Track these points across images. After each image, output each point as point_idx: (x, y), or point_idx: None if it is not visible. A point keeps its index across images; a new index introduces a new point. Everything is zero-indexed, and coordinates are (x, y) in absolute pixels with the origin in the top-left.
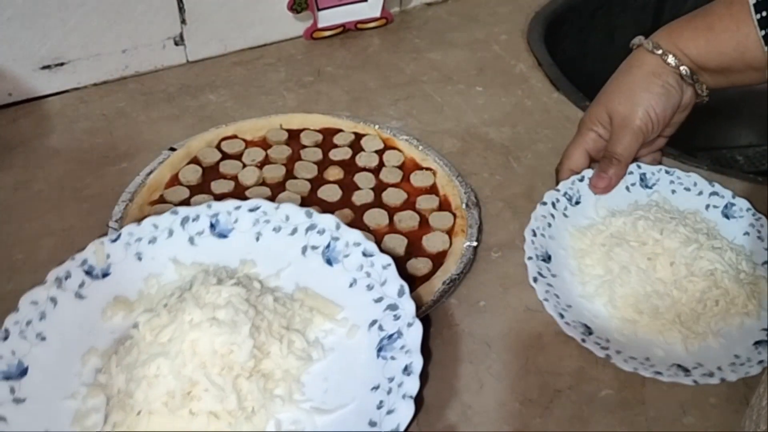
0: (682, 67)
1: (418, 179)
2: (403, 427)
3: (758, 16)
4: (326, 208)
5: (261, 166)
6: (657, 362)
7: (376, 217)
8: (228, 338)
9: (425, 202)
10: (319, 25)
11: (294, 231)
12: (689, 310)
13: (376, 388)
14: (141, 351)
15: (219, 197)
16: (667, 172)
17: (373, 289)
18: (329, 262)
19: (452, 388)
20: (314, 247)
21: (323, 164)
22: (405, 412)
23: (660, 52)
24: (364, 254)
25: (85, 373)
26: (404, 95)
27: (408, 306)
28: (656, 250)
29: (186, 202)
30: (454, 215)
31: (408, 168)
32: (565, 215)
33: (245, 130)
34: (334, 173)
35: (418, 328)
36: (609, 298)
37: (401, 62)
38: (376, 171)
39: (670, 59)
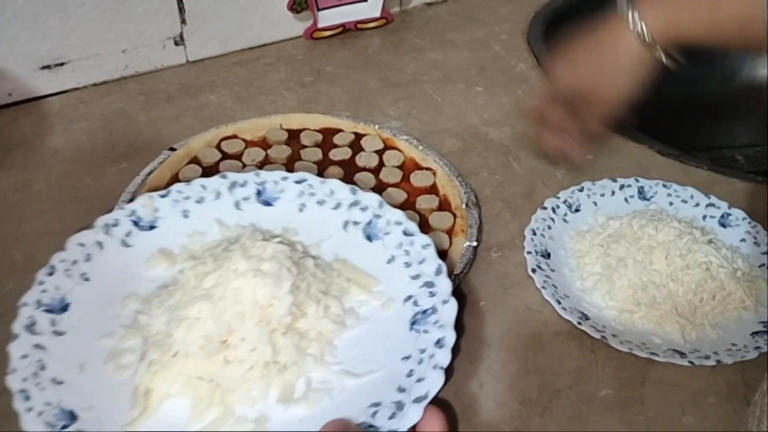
0: (666, 60)
1: (418, 179)
2: (432, 395)
3: None
4: None
5: (261, 166)
6: (653, 347)
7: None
8: (270, 291)
9: (425, 202)
10: (319, 25)
11: (337, 206)
12: (686, 301)
13: (407, 357)
14: (184, 294)
15: None
16: (664, 185)
17: (411, 266)
18: (369, 238)
19: (452, 387)
20: (356, 223)
21: (323, 164)
22: (435, 381)
23: (649, 40)
24: (405, 233)
25: (123, 316)
26: (404, 95)
27: (444, 284)
28: (651, 244)
29: None
30: (454, 215)
31: (408, 168)
32: (564, 221)
33: (245, 130)
34: (334, 173)
35: (453, 305)
36: (607, 290)
37: (401, 62)
38: (376, 171)
39: (658, 55)
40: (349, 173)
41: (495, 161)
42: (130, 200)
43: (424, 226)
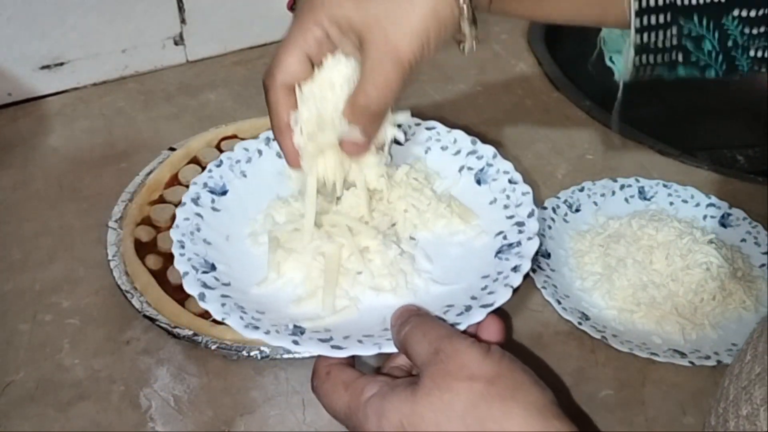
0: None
1: None
2: (497, 304)
3: None
4: None
5: None
6: (654, 347)
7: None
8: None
9: None
10: None
11: (458, 152)
12: (686, 302)
13: (485, 276)
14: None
15: None
16: (664, 185)
17: (509, 208)
18: (479, 182)
19: None
20: (470, 168)
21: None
22: (503, 294)
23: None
24: (510, 181)
25: (266, 208)
26: (404, 95)
27: (533, 225)
28: (651, 244)
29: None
30: None
31: None
32: (565, 221)
33: (245, 129)
34: None
35: (535, 242)
36: (607, 290)
37: None
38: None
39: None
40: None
41: None
42: (130, 200)
43: None
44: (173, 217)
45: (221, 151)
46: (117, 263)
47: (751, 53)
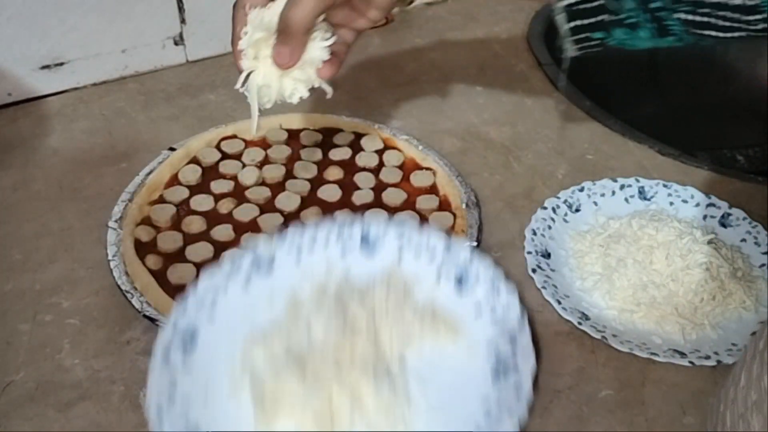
0: None
1: (418, 179)
2: None
3: None
4: (326, 208)
5: (261, 166)
6: (654, 347)
7: (376, 217)
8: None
9: (425, 202)
10: None
11: (432, 257)
12: (686, 302)
13: (486, 406)
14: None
15: (218, 197)
16: (664, 185)
17: (495, 312)
18: (460, 285)
19: None
20: (448, 275)
21: (323, 164)
22: (508, 425)
23: None
24: (492, 284)
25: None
26: (404, 95)
27: (525, 338)
28: (651, 244)
29: (186, 202)
30: (454, 215)
31: (408, 168)
32: (565, 221)
33: (245, 130)
34: (334, 173)
35: (531, 358)
36: (607, 290)
37: (401, 62)
38: (376, 171)
39: None
40: (349, 173)
41: (495, 161)
42: (130, 200)
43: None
44: (173, 217)
45: (221, 151)
46: (117, 263)
47: (679, 16)
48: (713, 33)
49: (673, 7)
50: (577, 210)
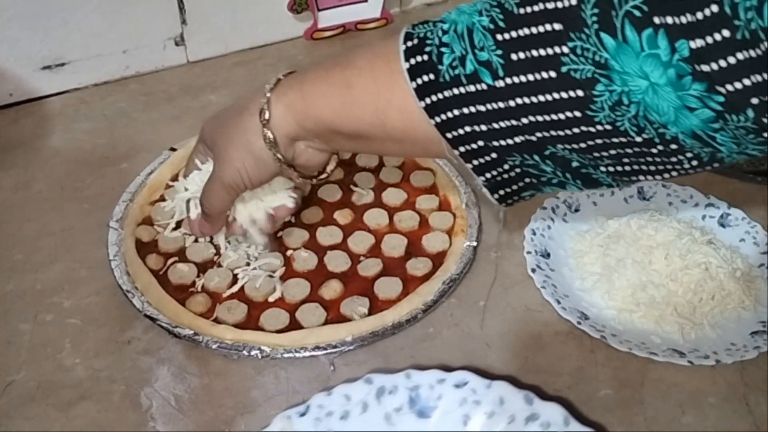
0: (277, 154)
1: (418, 179)
2: None
3: (414, 84)
4: (326, 208)
5: None
6: (653, 347)
7: (376, 217)
8: None
9: (425, 202)
10: (320, 26)
11: (511, 419)
12: (685, 301)
13: None
14: None
15: None
16: (663, 186)
17: None
18: None
19: None
20: None
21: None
22: None
23: (266, 116)
24: None
25: None
26: None
27: None
28: (651, 244)
29: (186, 203)
30: (454, 215)
31: (408, 168)
32: (564, 220)
33: None
34: (334, 173)
35: None
36: (606, 290)
37: None
38: (376, 171)
39: (269, 134)
40: (349, 173)
41: None
42: (131, 200)
43: (424, 226)
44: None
45: None
46: (118, 263)
47: (602, 170)
48: (645, 177)
49: (594, 164)
50: (577, 210)
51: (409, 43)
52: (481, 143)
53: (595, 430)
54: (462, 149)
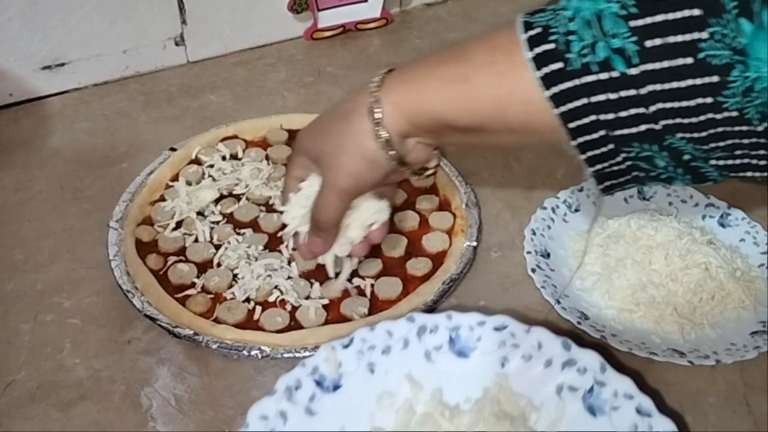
0: (391, 152)
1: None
2: None
3: (540, 73)
4: None
5: (261, 166)
6: (653, 347)
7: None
8: None
9: (425, 202)
10: (320, 26)
11: (548, 363)
12: (685, 301)
13: None
14: None
15: (219, 198)
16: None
17: None
18: (592, 410)
19: None
20: (572, 389)
21: None
22: None
23: (378, 116)
24: (639, 412)
25: None
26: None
27: None
28: (650, 244)
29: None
30: (454, 215)
31: None
32: (564, 221)
33: (245, 130)
34: None
35: None
36: (606, 289)
37: (401, 62)
38: None
39: (383, 133)
40: None
41: (495, 161)
42: (131, 200)
43: (424, 226)
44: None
45: (222, 151)
46: (118, 263)
47: (713, 162)
48: (752, 173)
49: (706, 156)
50: (577, 210)
51: (532, 32)
52: (603, 132)
53: (632, 379)
54: (581, 139)
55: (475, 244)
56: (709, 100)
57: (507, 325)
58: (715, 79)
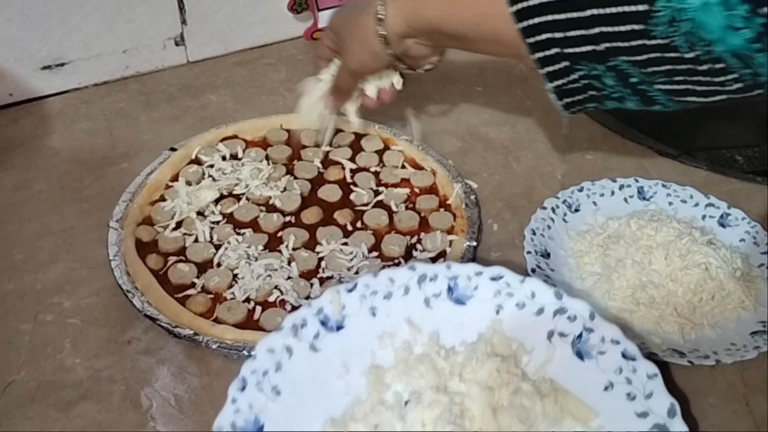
0: (389, 50)
1: (418, 179)
2: None
3: None
4: (326, 208)
5: (261, 166)
6: (653, 347)
7: (376, 217)
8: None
9: (425, 202)
10: (320, 26)
11: (540, 311)
12: (685, 301)
13: None
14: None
15: (219, 198)
16: (664, 185)
17: (635, 400)
18: (580, 355)
19: None
20: (562, 335)
21: (323, 164)
22: None
23: (381, 17)
24: (624, 356)
25: None
26: (404, 95)
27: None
28: (650, 244)
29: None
30: (454, 215)
31: (408, 168)
32: (564, 221)
33: (245, 130)
34: (334, 173)
35: None
36: (606, 290)
37: None
38: (376, 171)
39: (382, 31)
40: (349, 173)
41: (495, 161)
42: (131, 200)
43: (424, 226)
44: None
45: (222, 151)
46: (118, 263)
47: (658, 87)
48: (694, 99)
49: (650, 80)
50: (577, 210)
51: None
52: (557, 50)
53: (619, 327)
54: (539, 54)
55: (475, 244)
56: (640, 27)
57: (503, 275)
58: (642, 7)
